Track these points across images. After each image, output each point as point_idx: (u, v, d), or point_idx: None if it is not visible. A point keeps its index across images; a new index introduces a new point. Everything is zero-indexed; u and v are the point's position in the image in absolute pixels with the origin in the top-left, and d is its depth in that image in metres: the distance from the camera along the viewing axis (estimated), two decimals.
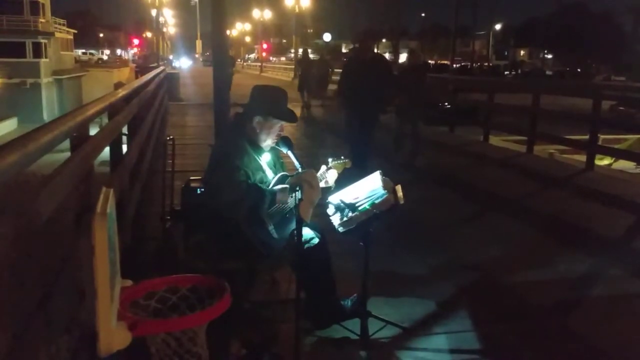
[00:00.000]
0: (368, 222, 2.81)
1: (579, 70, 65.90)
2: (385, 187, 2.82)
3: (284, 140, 2.99)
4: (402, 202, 2.81)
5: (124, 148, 4.72)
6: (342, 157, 3.24)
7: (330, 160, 3.20)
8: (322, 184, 3.01)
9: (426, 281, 3.99)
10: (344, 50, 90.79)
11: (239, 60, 39.18)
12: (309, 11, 42.91)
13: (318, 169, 3.10)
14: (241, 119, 3.05)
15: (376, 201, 2.79)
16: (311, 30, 71.69)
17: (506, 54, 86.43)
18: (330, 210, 2.94)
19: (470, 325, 3.35)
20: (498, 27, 73.46)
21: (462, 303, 3.64)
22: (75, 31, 50.53)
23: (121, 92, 4.76)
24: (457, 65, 50.79)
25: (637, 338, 3.34)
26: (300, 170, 2.77)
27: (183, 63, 76.82)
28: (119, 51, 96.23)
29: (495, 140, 12.28)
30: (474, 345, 3.14)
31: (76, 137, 2.71)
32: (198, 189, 3.12)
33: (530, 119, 10.08)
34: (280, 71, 42.80)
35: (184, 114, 14.90)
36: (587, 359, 3.12)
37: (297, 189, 2.55)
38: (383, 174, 2.88)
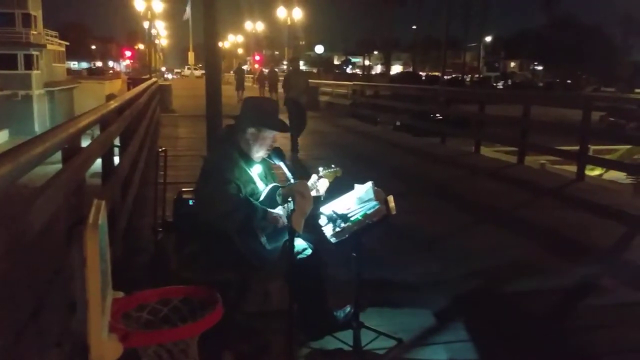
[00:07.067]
0: (360, 233, 2.82)
1: (569, 81, 66.54)
2: (377, 197, 2.83)
3: (276, 152, 3.01)
4: (394, 212, 2.82)
5: (116, 160, 4.71)
6: (333, 166, 3.25)
7: (321, 169, 3.21)
8: (313, 193, 3.02)
9: (419, 292, 3.99)
10: (335, 62, 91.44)
11: (231, 72, 39.16)
12: (301, 23, 43.15)
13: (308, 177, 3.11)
14: (232, 130, 3.05)
15: (368, 212, 2.80)
16: (303, 42, 71.98)
17: (497, 65, 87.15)
18: (323, 220, 2.94)
19: (463, 335, 3.34)
20: (489, 39, 74.32)
21: (455, 313, 3.64)
22: (68, 43, 50.57)
23: (113, 104, 4.76)
24: (448, 77, 51.18)
25: (630, 347, 3.35)
26: (292, 181, 2.78)
27: (176, 74, 77.12)
28: (111, 63, 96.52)
29: (486, 151, 12.34)
30: (468, 356, 3.13)
31: (68, 149, 2.72)
32: (190, 201, 3.11)
33: (521, 130, 10.16)
34: None
35: (176, 126, 14.89)
36: None
37: (289, 199, 2.55)
38: (375, 185, 2.89)
